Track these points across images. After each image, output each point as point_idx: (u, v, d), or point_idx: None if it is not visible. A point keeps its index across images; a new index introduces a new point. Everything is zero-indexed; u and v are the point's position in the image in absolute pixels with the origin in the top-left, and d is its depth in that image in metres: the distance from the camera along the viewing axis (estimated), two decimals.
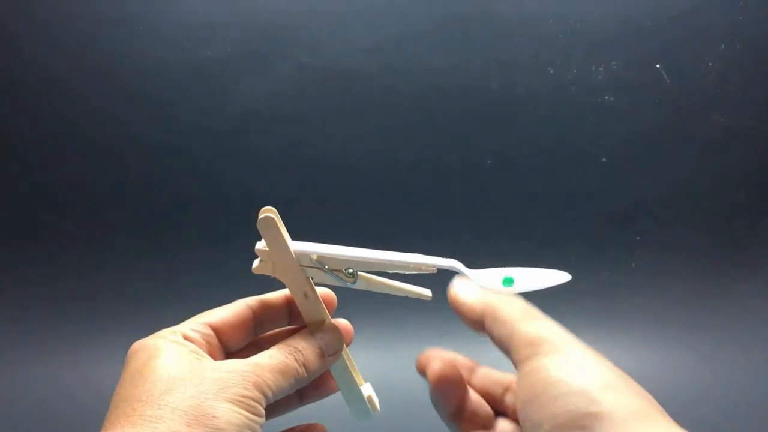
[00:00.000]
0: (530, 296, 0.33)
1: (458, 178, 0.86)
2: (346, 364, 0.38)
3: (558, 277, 0.36)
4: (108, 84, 0.83)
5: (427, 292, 0.37)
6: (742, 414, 0.77)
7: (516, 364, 0.30)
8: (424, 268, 0.35)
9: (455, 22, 0.83)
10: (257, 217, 0.34)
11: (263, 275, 0.36)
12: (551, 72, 0.84)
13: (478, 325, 0.33)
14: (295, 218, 0.94)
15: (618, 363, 0.25)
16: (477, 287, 0.34)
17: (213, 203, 0.86)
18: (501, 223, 0.87)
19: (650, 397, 0.27)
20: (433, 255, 0.35)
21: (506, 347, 0.31)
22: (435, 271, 0.35)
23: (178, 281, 0.86)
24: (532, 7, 0.82)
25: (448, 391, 0.34)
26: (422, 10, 0.83)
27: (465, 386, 0.35)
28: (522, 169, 0.86)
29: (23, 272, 0.86)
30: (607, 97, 0.84)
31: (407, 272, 0.35)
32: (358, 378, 0.39)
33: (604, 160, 0.86)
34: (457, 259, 0.35)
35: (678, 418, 0.27)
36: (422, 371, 0.36)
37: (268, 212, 0.34)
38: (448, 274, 0.35)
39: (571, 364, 0.27)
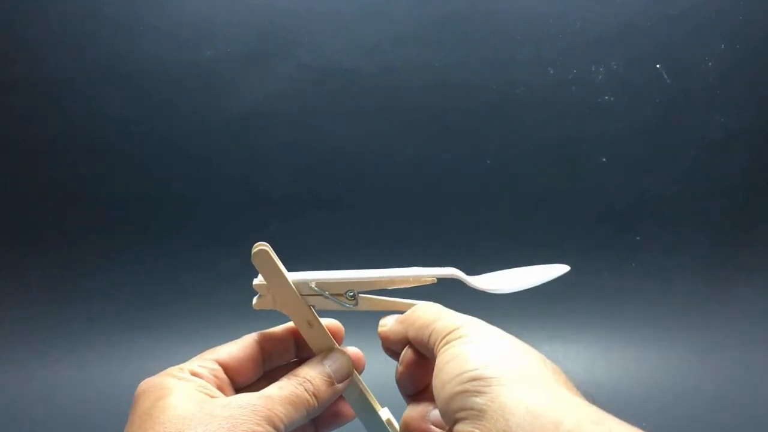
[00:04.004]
0: (531, 297, 0.34)
1: (458, 178, 0.86)
2: (361, 390, 0.37)
3: (556, 270, 0.36)
4: (108, 84, 0.83)
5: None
6: (742, 414, 0.77)
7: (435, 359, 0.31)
8: (423, 279, 0.35)
9: (455, 22, 0.83)
10: (251, 252, 0.34)
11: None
12: (551, 72, 0.84)
13: (404, 342, 0.34)
14: (295, 218, 0.94)
15: (618, 363, 0.25)
16: (394, 316, 0.36)
17: (213, 203, 0.86)
18: (501, 223, 0.87)
19: (553, 366, 0.28)
20: (433, 254, 0.35)
21: (428, 348, 0.32)
22: (435, 281, 0.35)
23: (178, 281, 0.86)
24: (531, 7, 0.82)
25: (416, 376, 0.35)
26: (422, 9, 0.83)
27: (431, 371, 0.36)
28: (522, 169, 0.86)
29: (23, 272, 0.86)
30: (607, 97, 0.84)
31: (408, 286, 0.35)
32: (375, 403, 0.38)
33: (604, 160, 0.86)
34: (457, 258, 0.35)
35: (678, 417, 0.27)
36: (388, 350, 0.37)
37: (262, 246, 0.34)
38: (448, 283, 0.35)
39: (471, 344, 0.29)
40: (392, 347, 0.36)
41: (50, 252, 0.86)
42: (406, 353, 0.35)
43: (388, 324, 0.36)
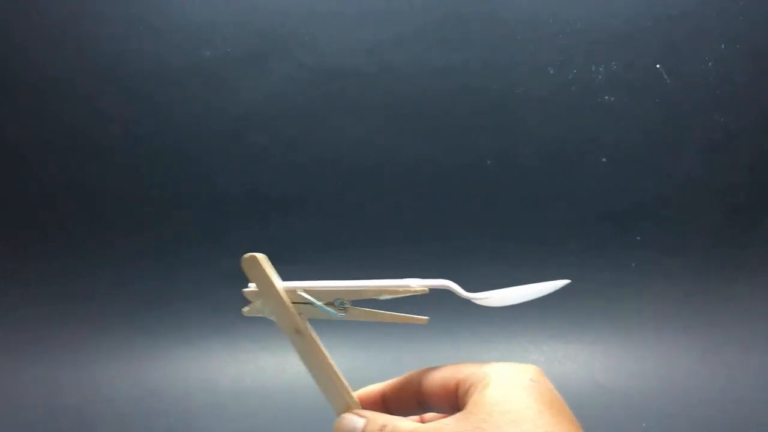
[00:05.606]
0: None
1: (458, 178, 0.86)
2: (320, 349, 0.36)
3: (555, 284, 0.36)
4: (108, 84, 0.83)
5: (422, 317, 0.36)
6: (742, 414, 0.77)
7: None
8: (414, 290, 0.34)
9: (455, 23, 0.83)
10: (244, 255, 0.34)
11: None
12: (551, 72, 0.84)
13: None
14: (295, 218, 0.94)
15: (618, 363, 0.25)
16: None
17: (213, 203, 0.86)
18: (501, 223, 0.87)
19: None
20: (433, 254, 0.35)
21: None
22: (427, 292, 0.34)
23: (178, 281, 0.86)
24: (532, 8, 0.82)
25: None
26: (422, 10, 0.83)
27: None
28: (522, 169, 0.86)
29: (23, 272, 0.86)
30: (607, 97, 0.84)
31: (398, 296, 0.34)
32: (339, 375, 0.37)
33: (604, 160, 0.86)
34: (457, 258, 0.35)
35: (678, 417, 0.27)
36: None
37: (254, 254, 0.35)
38: (440, 291, 0.35)
39: None
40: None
41: (50, 252, 0.86)
42: None
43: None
